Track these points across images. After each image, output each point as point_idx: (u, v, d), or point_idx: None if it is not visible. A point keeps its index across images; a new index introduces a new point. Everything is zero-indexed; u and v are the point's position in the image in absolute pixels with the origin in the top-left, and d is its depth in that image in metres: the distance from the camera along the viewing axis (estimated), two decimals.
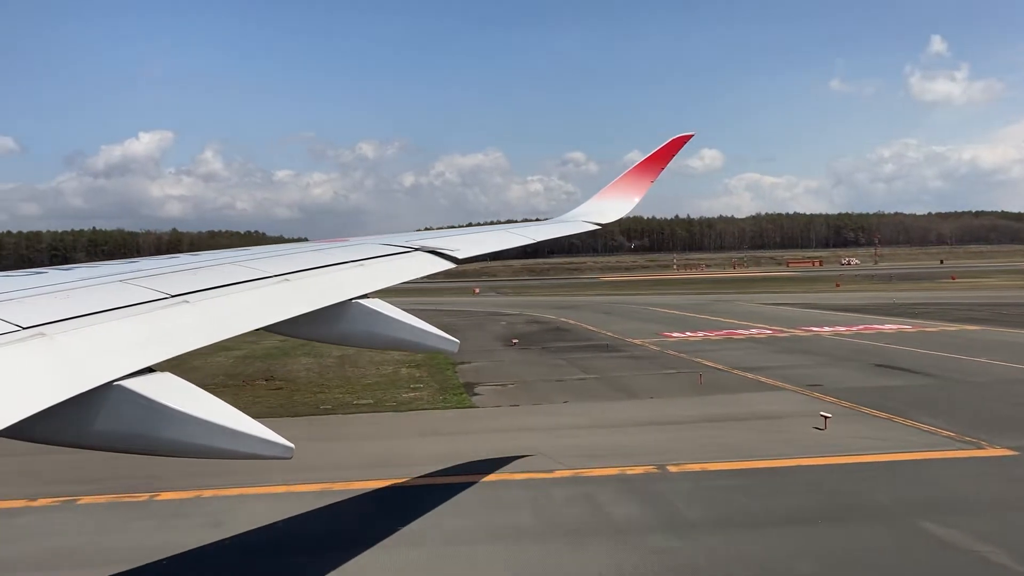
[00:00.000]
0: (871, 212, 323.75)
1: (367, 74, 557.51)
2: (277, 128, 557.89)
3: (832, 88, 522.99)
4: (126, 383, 4.50)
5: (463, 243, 10.11)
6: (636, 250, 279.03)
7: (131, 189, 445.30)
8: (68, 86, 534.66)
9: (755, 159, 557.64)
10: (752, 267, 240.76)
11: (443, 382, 34.91)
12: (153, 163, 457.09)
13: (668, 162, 14.94)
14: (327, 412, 28.94)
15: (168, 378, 4.79)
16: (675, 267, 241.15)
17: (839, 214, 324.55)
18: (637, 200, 14.83)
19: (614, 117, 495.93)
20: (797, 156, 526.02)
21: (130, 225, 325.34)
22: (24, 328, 4.52)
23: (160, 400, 4.52)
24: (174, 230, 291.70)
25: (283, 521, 16.19)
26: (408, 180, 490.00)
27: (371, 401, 30.75)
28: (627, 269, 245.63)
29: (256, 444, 4.76)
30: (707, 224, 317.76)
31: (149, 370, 4.75)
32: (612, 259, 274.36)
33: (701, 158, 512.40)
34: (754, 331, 51.91)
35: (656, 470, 18.96)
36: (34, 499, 18.30)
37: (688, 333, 52.07)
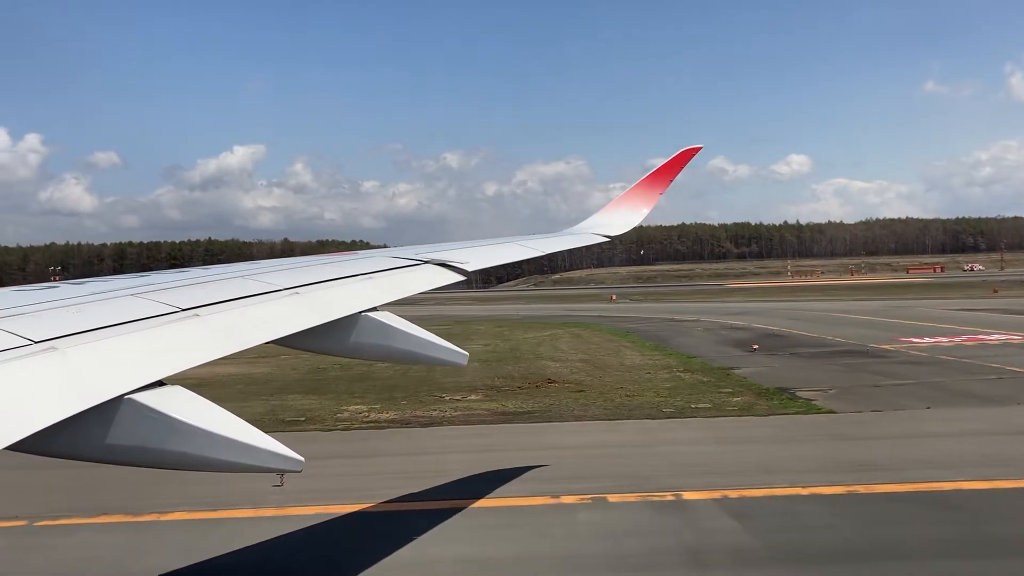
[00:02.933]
0: (992, 216, 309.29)
1: (453, 85, 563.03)
2: (365, 140, 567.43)
3: (926, 90, 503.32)
4: (137, 397, 4.44)
5: (473, 255, 9.92)
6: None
7: (224, 201, 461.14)
8: (169, 102, 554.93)
9: (844, 164, 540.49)
10: (868, 273, 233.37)
11: (747, 387, 34.46)
12: (246, 175, 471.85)
13: (677, 174, 14.98)
14: (672, 416, 28.73)
15: (179, 391, 4.73)
16: (789, 273, 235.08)
17: (956, 219, 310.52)
18: (646, 212, 14.74)
19: (697, 122, 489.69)
20: (888, 160, 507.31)
21: (222, 235, 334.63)
22: (36, 342, 4.47)
23: (171, 414, 4.46)
24: (285, 239, 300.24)
25: None
26: (490, 189, 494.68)
27: (708, 405, 30.56)
28: (738, 276, 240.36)
29: (268, 458, 4.69)
30: (817, 229, 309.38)
31: (160, 383, 4.68)
32: (720, 266, 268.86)
33: (788, 163, 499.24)
34: (998, 336, 49.96)
35: None
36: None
37: (926, 339, 50.37)
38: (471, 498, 18.49)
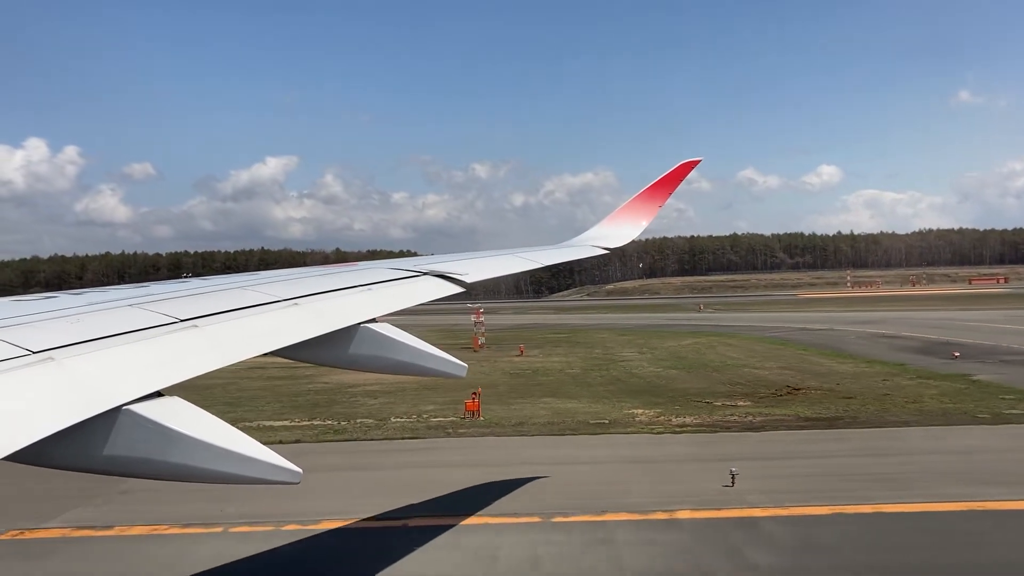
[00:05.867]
0: None
1: (482, 96, 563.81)
2: (395, 151, 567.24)
3: (961, 100, 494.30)
4: (135, 407, 4.38)
5: (471, 267, 9.80)
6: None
7: (256, 212, 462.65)
8: (205, 114, 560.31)
9: (876, 175, 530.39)
10: (929, 285, 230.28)
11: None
12: (278, 186, 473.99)
13: (676, 187, 14.96)
14: (997, 422, 28.81)
15: (176, 402, 4.65)
16: (849, 284, 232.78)
17: (1014, 229, 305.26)
18: (645, 224, 14.69)
19: (728, 134, 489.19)
20: (921, 171, 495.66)
21: (253, 244, 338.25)
22: (34, 352, 4.41)
23: (168, 424, 4.40)
24: (337, 249, 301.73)
25: None
26: (518, 200, 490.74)
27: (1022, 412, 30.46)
28: (794, 286, 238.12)
29: (264, 469, 4.62)
30: (872, 240, 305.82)
31: (158, 394, 4.61)
32: (775, 276, 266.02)
33: (818, 175, 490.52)
34: None
35: None
36: None
37: None
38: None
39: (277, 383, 45.54)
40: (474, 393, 34.04)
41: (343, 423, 32.41)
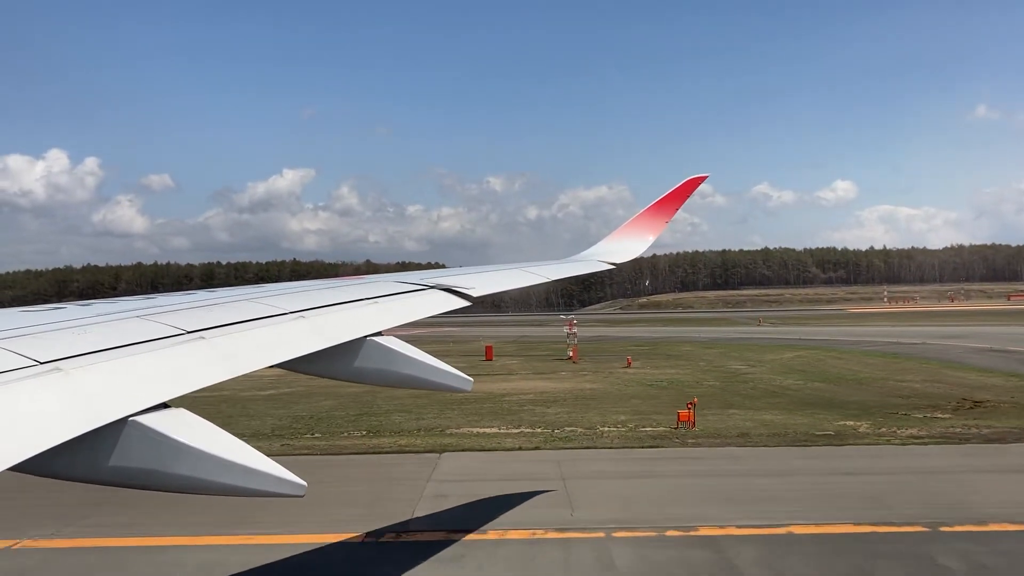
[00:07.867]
0: None
1: (499, 108, 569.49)
2: (411, 164, 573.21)
3: (978, 115, 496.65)
4: (141, 419, 4.43)
5: (478, 281, 9.86)
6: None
7: (272, 223, 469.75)
8: (223, 127, 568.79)
9: (891, 190, 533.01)
10: (966, 300, 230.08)
11: None
12: (294, 199, 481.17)
13: (683, 202, 15.01)
14: None
15: (183, 414, 4.70)
16: (885, 299, 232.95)
17: None
18: (652, 239, 14.74)
19: (742, 148, 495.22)
20: (936, 187, 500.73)
21: (268, 256, 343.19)
22: (41, 363, 4.46)
23: (174, 436, 4.45)
24: (368, 261, 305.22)
25: None
26: (532, 213, 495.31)
27: None
28: (828, 301, 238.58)
29: (270, 482, 4.65)
30: (905, 255, 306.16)
31: (164, 406, 4.67)
32: (809, 291, 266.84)
33: (833, 190, 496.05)
34: None
35: None
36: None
37: None
38: None
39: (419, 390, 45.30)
40: (690, 403, 33.83)
41: (555, 431, 32.20)
